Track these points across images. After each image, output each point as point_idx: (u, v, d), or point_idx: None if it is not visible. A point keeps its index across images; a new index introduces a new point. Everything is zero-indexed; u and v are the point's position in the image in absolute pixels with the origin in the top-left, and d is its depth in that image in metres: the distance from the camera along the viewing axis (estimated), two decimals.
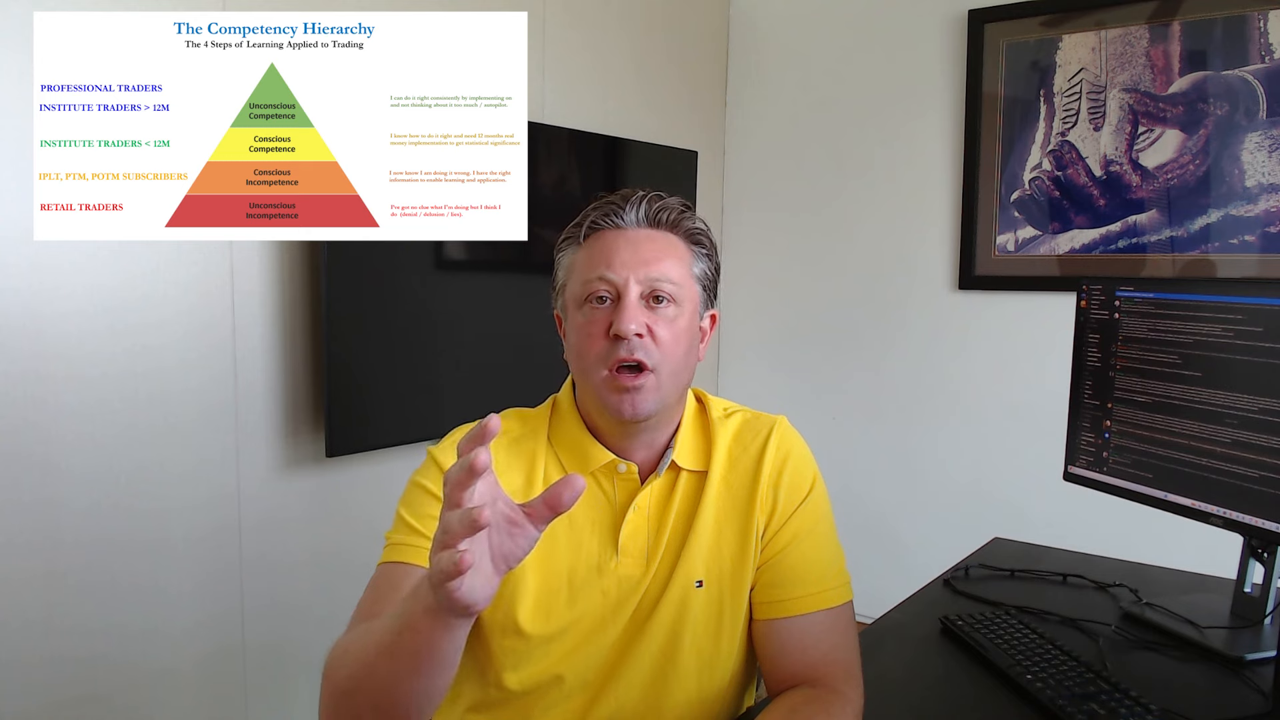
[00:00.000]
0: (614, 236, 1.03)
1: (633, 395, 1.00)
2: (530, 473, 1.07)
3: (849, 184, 3.01)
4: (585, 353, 1.02)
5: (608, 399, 1.01)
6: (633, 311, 0.99)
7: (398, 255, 2.04)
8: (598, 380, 1.01)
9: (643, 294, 1.01)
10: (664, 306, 1.02)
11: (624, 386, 1.00)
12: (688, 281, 1.05)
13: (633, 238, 1.03)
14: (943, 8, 2.80)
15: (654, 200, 1.05)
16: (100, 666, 1.69)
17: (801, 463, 1.11)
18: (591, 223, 1.05)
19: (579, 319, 1.03)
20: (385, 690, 0.83)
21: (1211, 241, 2.46)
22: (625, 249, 1.02)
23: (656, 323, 1.01)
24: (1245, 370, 1.29)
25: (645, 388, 1.00)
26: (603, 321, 1.01)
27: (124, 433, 1.69)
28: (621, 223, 1.04)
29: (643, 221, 1.04)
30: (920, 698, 1.18)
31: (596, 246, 1.04)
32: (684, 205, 1.07)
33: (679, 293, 1.03)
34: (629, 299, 1.00)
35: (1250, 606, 1.35)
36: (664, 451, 1.08)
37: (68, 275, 1.60)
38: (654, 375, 1.00)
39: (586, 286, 1.02)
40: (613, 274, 1.01)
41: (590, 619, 1.05)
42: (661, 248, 1.03)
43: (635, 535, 1.06)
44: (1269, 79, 2.36)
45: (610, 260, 1.01)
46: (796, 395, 3.11)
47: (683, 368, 1.04)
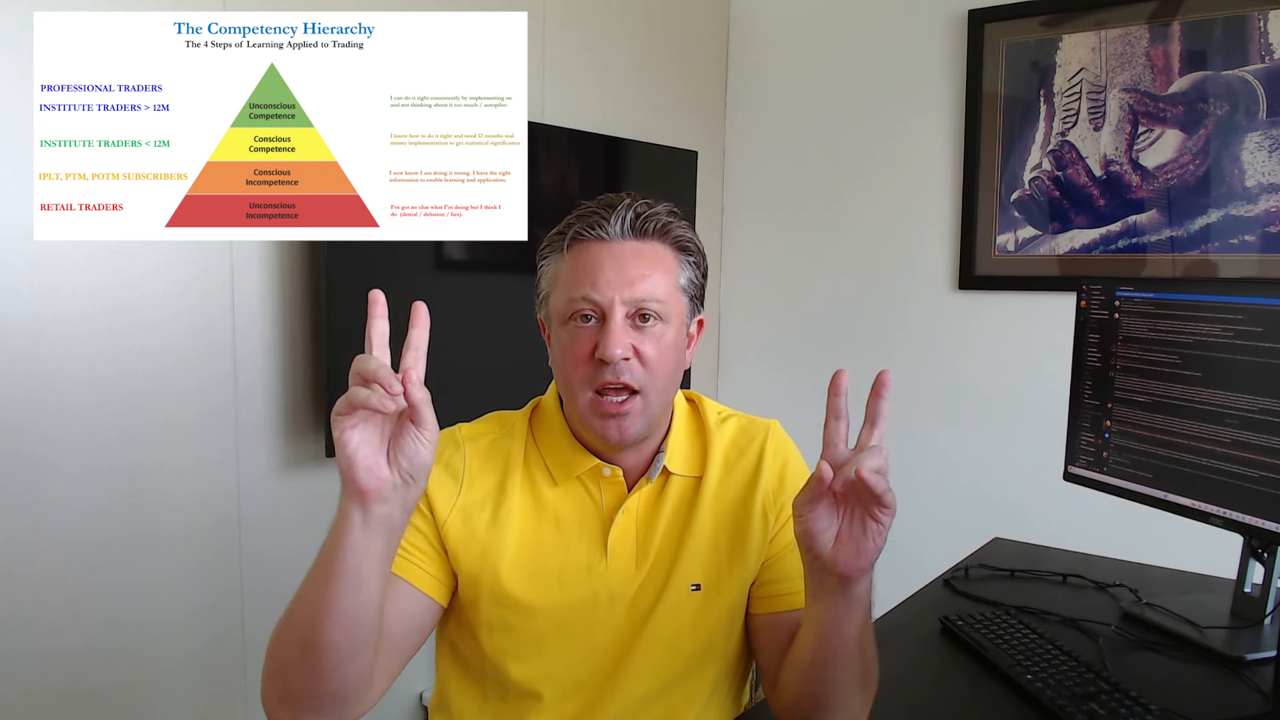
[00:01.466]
0: (598, 250, 1.00)
1: (619, 420, 0.99)
2: (504, 477, 1.06)
3: (849, 184, 3.01)
4: (569, 373, 1.01)
5: (593, 423, 1.00)
6: (618, 335, 0.97)
7: (398, 255, 2.04)
8: (583, 403, 1.00)
9: (628, 314, 0.99)
10: (650, 325, 1.00)
11: (610, 413, 0.98)
12: (674, 295, 1.02)
13: (617, 252, 1.00)
14: (943, 8, 2.80)
15: (640, 209, 1.02)
16: (100, 666, 1.69)
17: (798, 466, 1.13)
18: (575, 232, 1.02)
19: (563, 336, 1.02)
20: (307, 619, 0.85)
21: (1211, 241, 2.46)
22: (610, 266, 0.99)
23: (643, 342, 0.99)
24: (1245, 370, 1.29)
25: (632, 413, 0.99)
26: (587, 342, 0.99)
27: (124, 433, 1.69)
28: (606, 234, 1.01)
29: (628, 233, 1.01)
30: (920, 698, 1.18)
31: (580, 260, 1.01)
32: (671, 211, 1.04)
33: (665, 309, 1.01)
34: (614, 321, 0.97)
35: (1250, 606, 1.35)
36: (654, 455, 1.08)
37: (68, 275, 1.60)
38: (641, 398, 0.99)
39: (570, 305, 1.00)
40: (597, 294, 0.98)
41: (583, 612, 1.04)
42: (648, 262, 1.01)
43: (624, 538, 1.06)
44: (1269, 79, 2.36)
45: (595, 279, 0.99)
46: (796, 396, 3.10)
47: (670, 384, 1.03)
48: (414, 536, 1.03)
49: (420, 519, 1.04)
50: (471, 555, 1.03)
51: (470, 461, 1.07)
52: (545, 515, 1.06)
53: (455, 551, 1.04)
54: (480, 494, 1.05)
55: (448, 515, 1.04)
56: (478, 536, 1.04)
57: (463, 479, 1.05)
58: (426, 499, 1.03)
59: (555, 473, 1.07)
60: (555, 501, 1.06)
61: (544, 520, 1.06)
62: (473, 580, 1.04)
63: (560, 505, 1.06)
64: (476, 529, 1.04)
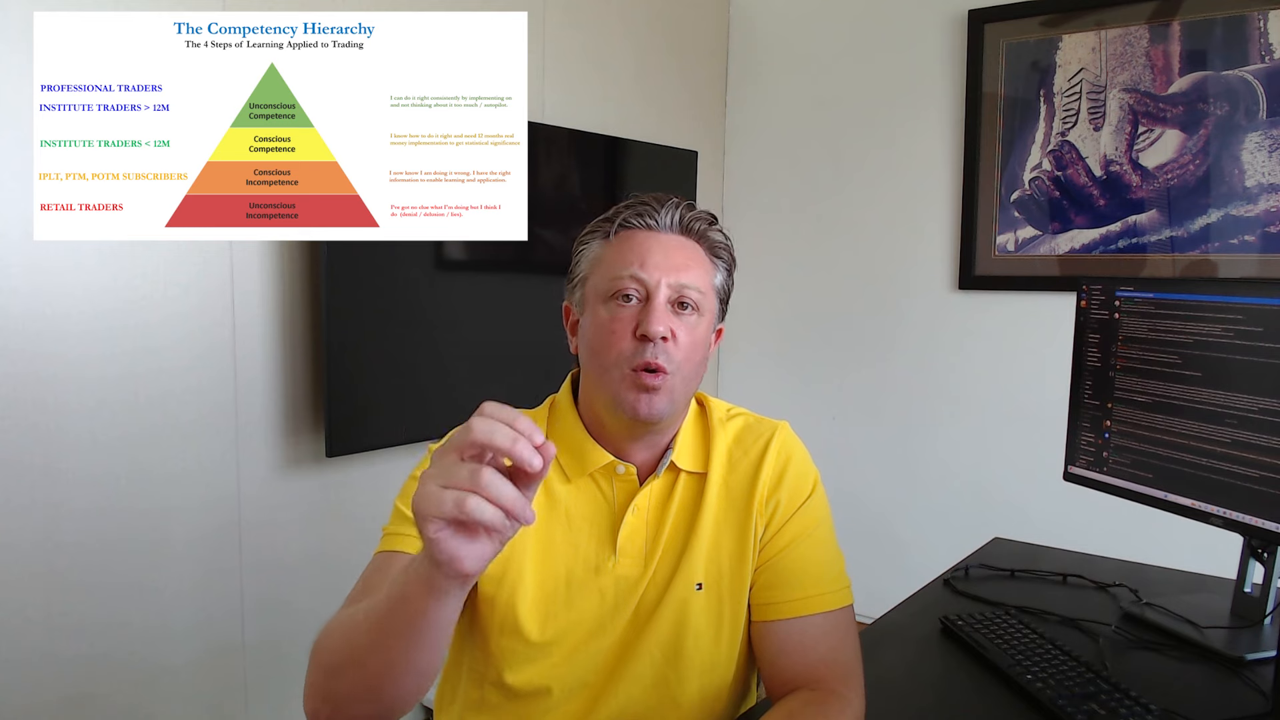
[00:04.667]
0: (646, 237, 1.04)
1: (650, 396, 1.00)
2: None
3: (849, 184, 3.01)
4: (605, 349, 1.02)
5: (624, 396, 1.01)
6: (661, 314, 1.00)
7: (398, 255, 2.04)
8: (616, 378, 1.01)
9: (670, 298, 1.02)
10: (688, 313, 1.02)
11: (645, 385, 0.99)
12: (710, 292, 1.06)
13: (665, 242, 1.04)
14: (943, 8, 2.81)
15: (688, 208, 1.06)
16: (100, 666, 1.69)
17: (802, 466, 1.11)
18: (624, 220, 1.05)
19: (602, 314, 1.03)
20: (373, 667, 0.82)
21: (1211, 241, 2.46)
22: (658, 251, 1.03)
23: (680, 328, 1.01)
24: (1245, 370, 1.29)
25: (663, 389, 1.00)
26: (629, 320, 1.01)
27: (124, 433, 1.69)
28: (655, 224, 1.04)
29: (675, 227, 1.05)
30: (920, 698, 1.18)
31: (628, 244, 1.04)
32: (712, 216, 1.08)
33: (703, 301, 1.04)
34: (658, 300, 1.00)
35: (1250, 606, 1.35)
36: (664, 453, 1.08)
37: (68, 275, 1.60)
38: (671, 378, 1.01)
39: (615, 283, 1.02)
40: (645, 274, 1.01)
41: (589, 622, 1.05)
42: (690, 255, 1.04)
43: (633, 536, 1.06)
44: (1269, 79, 2.36)
45: (644, 260, 1.02)
46: (796, 395, 3.11)
47: (695, 375, 1.05)
48: None
49: None
50: (495, 562, 1.03)
51: None
52: (556, 512, 1.06)
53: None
54: None
55: None
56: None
57: None
58: None
59: (568, 469, 1.07)
60: (567, 498, 1.06)
61: (555, 518, 1.06)
62: (488, 600, 1.05)
63: (571, 502, 1.06)
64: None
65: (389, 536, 1.03)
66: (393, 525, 1.03)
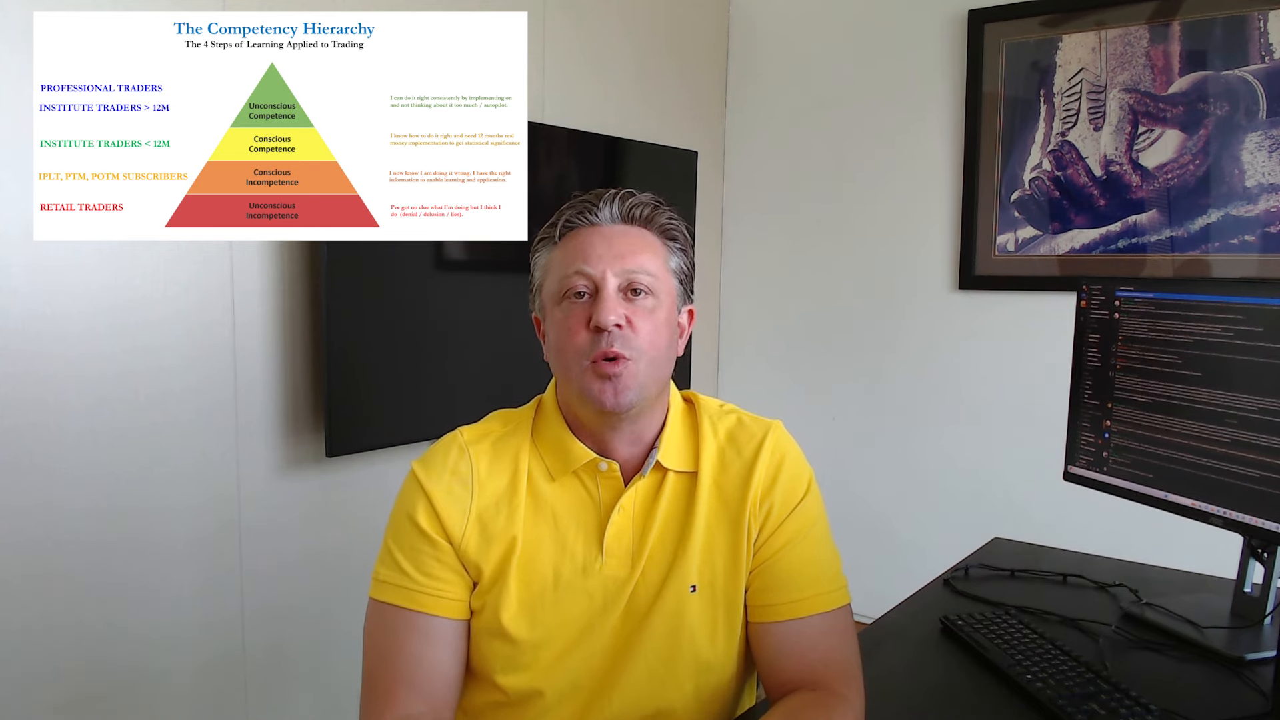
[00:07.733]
0: (589, 233, 1.04)
1: (614, 383, 1.00)
2: (515, 473, 1.07)
3: (849, 184, 3.01)
4: (565, 347, 1.02)
5: (589, 387, 1.01)
6: (611, 303, 1.00)
7: (398, 255, 2.04)
8: (578, 372, 1.01)
9: (620, 286, 1.01)
10: (642, 298, 1.02)
11: (605, 374, 1.00)
12: (664, 274, 1.05)
13: (607, 233, 1.04)
14: (943, 8, 2.80)
15: (626, 197, 1.05)
16: (100, 667, 1.69)
17: (796, 467, 1.10)
18: (566, 221, 1.05)
19: (558, 315, 1.03)
20: None
21: (1211, 241, 2.46)
22: (600, 243, 1.02)
23: (635, 314, 1.01)
24: (1245, 370, 1.29)
25: (625, 375, 1.00)
26: (582, 315, 1.01)
27: (124, 433, 1.69)
28: (596, 219, 1.04)
29: (617, 218, 1.05)
30: (920, 698, 1.18)
31: (574, 243, 1.04)
32: (657, 201, 1.08)
33: (656, 285, 1.03)
34: (607, 291, 1.00)
35: (1250, 606, 1.35)
36: (649, 450, 1.08)
37: (68, 275, 1.60)
38: (633, 364, 1.01)
39: (564, 282, 1.02)
40: (589, 268, 1.01)
41: (577, 623, 1.04)
42: (636, 242, 1.04)
43: (620, 536, 1.06)
44: (1269, 79, 2.36)
45: (587, 255, 1.02)
46: (796, 395, 3.11)
47: (663, 360, 1.05)
48: (434, 568, 1.03)
49: (430, 547, 1.03)
50: (492, 559, 1.04)
51: (478, 465, 1.06)
52: (543, 512, 1.06)
53: (476, 561, 1.04)
54: (494, 496, 1.05)
55: (464, 529, 1.03)
56: (498, 536, 1.04)
57: (473, 485, 1.05)
58: (439, 524, 1.03)
59: (553, 467, 1.07)
60: (553, 498, 1.06)
61: (542, 518, 1.06)
62: (479, 601, 1.05)
63: (558, 501, 1.06)
64: (495, 531, 1.04)
65: (384, 585, 1.03)
66: (388, 570, 1.04)
